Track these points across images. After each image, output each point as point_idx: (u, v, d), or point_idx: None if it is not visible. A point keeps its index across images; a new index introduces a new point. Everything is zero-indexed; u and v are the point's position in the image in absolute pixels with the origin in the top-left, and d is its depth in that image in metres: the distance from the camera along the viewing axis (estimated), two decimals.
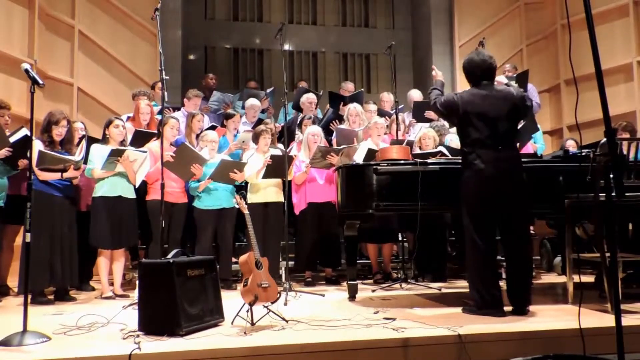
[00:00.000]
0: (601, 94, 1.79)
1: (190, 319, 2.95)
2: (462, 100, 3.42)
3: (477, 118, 3.37)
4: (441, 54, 8.47)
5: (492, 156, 3.32)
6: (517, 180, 3.38)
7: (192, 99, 6.06)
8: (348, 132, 5.52)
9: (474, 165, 3.35)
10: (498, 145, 3.35)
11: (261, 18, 9.18)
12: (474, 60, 3.51)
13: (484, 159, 3.32)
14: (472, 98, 3.43)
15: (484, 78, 3.49)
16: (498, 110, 3.38)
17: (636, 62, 6.92)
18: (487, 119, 3.36)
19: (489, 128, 3.36)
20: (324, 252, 5.15)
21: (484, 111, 3.37)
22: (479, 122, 3.37)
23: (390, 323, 3.05)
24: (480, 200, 3.35)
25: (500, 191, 3.32)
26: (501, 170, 3.32)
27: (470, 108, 3.39)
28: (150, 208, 4.64)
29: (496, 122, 3.36)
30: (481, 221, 3.36)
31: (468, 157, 3.40)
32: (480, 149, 3.34)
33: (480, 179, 3.33)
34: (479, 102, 3.39)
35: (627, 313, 3.25)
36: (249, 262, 3.23)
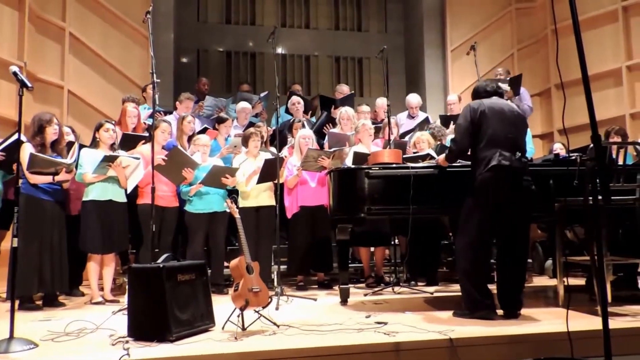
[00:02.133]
0: (588, 99, 1.80)
1: (180, 324, 2.93)
2: (481, 104, 3.46)
3: (497, 119, 3.39)
4: (433, 58, 8.51)
5: (513, 159, 3.33)
6: (529, 187, 3.40)
7: (184, 102, 6.06)
8: (340, 136, 5.52)
9: (498, 164, 3.29)
10: (515, 149, 3.39)
11: (254, 21, 9.18)
12: (482, 84, 3.65)
13: (508, 160, 3.31)
14: (490, 101, 3.48)
15: (494, 94, 3.58)
16: (513, 117, 3.45)
17: (625, 67, 6.98)
18: (505, 122, 3.40)
19: (509, 131, 3.38)
20: (316, 256, 5.13)
21: (503, 114, 3.42)
22: (499, 124, 3.38)
23: (382, 327, 3.05)
24: (495, 202, 3.32)
25: (515, 195, 3.33)
26: (519, 175, 3.35)
27: (490, 110, 3.42)
28: (141, 212, 4.61)
29: (513, 128, 3.42)
30: (488, 225, 3.35)
31: (491, 157, 3.33)
32: (502, 150, 3.33)
33: (502, 179, 3.30)
34: (496, 107, 3.44)
35: (616, 316, 3.28)
36: (240, 266, 3.21)
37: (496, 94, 3.58)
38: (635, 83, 6.99)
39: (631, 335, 2.86)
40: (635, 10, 7.00)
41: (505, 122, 3.40)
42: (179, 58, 8.53)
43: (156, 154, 4.30)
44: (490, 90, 3.59)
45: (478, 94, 3.62)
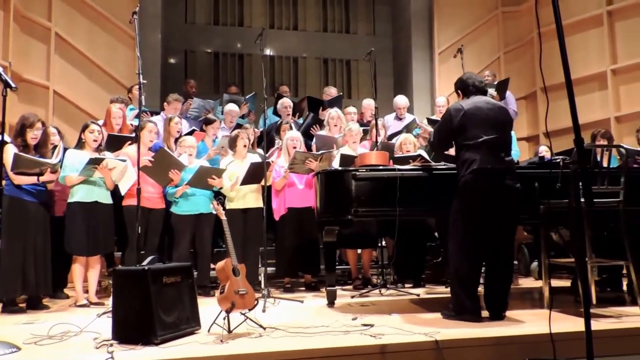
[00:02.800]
0: (571, 103, 1.82)
1: (165, 327, 2.90)
2: (464, 104, 3.47)
3: (480, 120, 3.39)
4: (421, 60, 8.56)
5: (496, 160, 3.34)
6: (515, 188, 3.40)
7: (172, 103, 6.02)
8: (328, 138, 5.52)
9: (480, 166, 3.31)
10: (500, 150, 3.39)
11: (242, 22, 9.17)
12: (472, 76, 3.64)
13: (490, 162, 3.32)
14: (473, 103, 3.48)
15: (479, 92, 3.57)
16: (497, 117, 3.44)
17: (610, 70, 7.06)
18: (489, 122, 3.40)
19: (492, 132, 3.38)
20: (303, 258, 5.12)
21: (486, 115, 3.41)
22: (482, 125, 3.39)
23: (368, 329, 3.04)
24: (479, 204, 3.34)
25: (499, 197, 3.34)
26: (504, 176, 3.35)
27: (473, 110, 3.42)
28: (127, 213, 4.57)
29: (497, 127, 3.41)
30: (473, 227, 3.36)
31: (473, 159, 3.35)
32: (485, 152, 3.34)
33: (485, 181, 3.32)
34: (481, 106, 3.44)
35: (600, 317, 3.31)
36: (226, 268, 3.19)
37: (482, 92, 3.58)
38: (619, 87, 7.08)
39: (614, 336, 2.89)
40: (620, 15, 7.09)
41: (489, 123, 3.40)
42: (167, 59, 8.49)
43: (142, 155, 4.28)
44: (479, 87, 3.58)
45: (465, 87, 3.61)
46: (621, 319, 3.25)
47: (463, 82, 3.64)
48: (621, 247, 3.55)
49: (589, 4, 7.37)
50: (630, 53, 6.95)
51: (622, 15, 7.06)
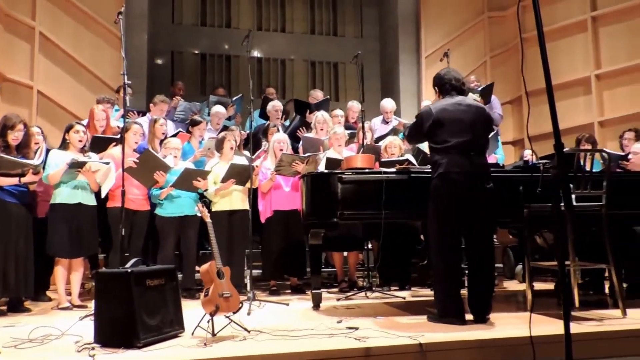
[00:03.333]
0: (551, 108, 1.84)
1: (148, 330, 2.88)
2: (435, 108, 3.47)
3: (450, 124, 3.40)
4: (408, 64, 8.59)
5: (465, 162, 3.35)
6: (487, 189, 3.41)
7: (159, 105, 5.97)
8: (314, 140, 5.52)
9: (446, 170, 3.35)
10: (470, 152, 3.39)
11: (229, 24, 9.13)
12: (450, 72, 3.61)
13: (457, 165, 3.34)
14: (444, 106, 3.48)
15: (455, 90, 3.56)
16: (470, 118, 3.44)
17: (594, 75, 7.16)
18: (460, 125, 3.40)
19: (462, 135, 3.39)
20: (289, 260, 5.11)
21: (457, 118, 3.42)
22: (452, 129, 3.39)
23: (353, 332, 3.04)
24: (449, 206, 3.36)
25: (470, 198, 3.35)
26: (472, 177, 3.36)
27: (443, 114, 3.42)
28: (111, 215, 4.53)
29: (469, 130, 3.41)
30: (449, 229, 3.38)
31: (440, 162, 3.39)
32: (453, 155, 3.36)
33: (452, 184, 3.34)
34: (452, 110, 3.44)
35: (582, 320, 3.34)
36: (210, 271, 3.18)
37: (459, 91, 3.57)
38: (603, 92, 7.17)
39: (595, 339, 2.92)
40: (604, 21, 7.18)
41: (460, 125, 3.40)
42: (153, 60, 8.43)
43: (127, 156, 4.24)
44: (456, 85, 3.57)
45: (442, 84, 3.60)
46: (602, 322, 3.28)
47: (440, 78, 3.62)
48: (604, 250, 3.59)
49: (574, 10, 7.46)
50: (613, 58, 7.05)
51: (606, 21, 7.16)
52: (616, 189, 3.73)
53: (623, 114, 6.84)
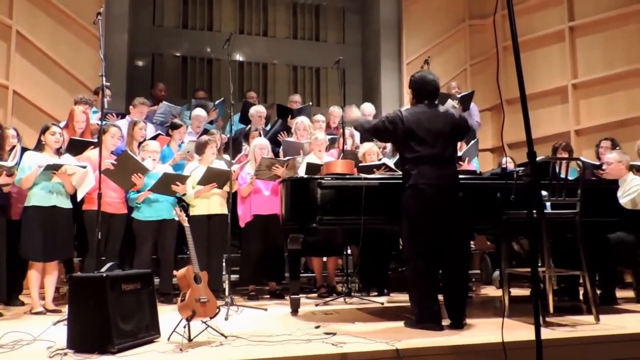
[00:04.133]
0: (525, 117, 1.87)
1: (123, 335, 2.84)
2: (406, 117, 3.47)
3: (420, 135, 3.42)
4: (390, 70, 8.65)
5: (434, 173, 3.38)
6: (456, 198, 3.45)
7: (138, 107, 5.91)
8: (295, 144, 5.52)
9: (415, 181, 3.40)
10: (440, 163, 3.41)
11: (211, 27, 9.08)
12: (427, 78, 3.58)
13: (426, 176, 3.37)
14: (416, 115, 3.48)
15: (430, 97, 3.56)
16: (441, 129, 3.45)
17: (571, 85, 7.29)
18: (430, 136, 3.42)
19: (432, 146, 3.41)
20: (268, 265, 5.09)
21: (427, 129, 3.43)
22: (423, 139, 3.42)
23: (330, 338, 3.04)
24: (420, 216, 3.40)
25: (440, 208, 3.37)
26: (442, 188, 3.39)
27: (415, 125, 3.44)
28: (87, 218, 4.47)
29: (439, 140, 3.43)
30: (421, 236, 3.41)
31: (410, 173, 3.44)
32: (422, 166, 3.39)
33: (422, 195, 3.37)
34: (423, 120, 3.45)
35: (556, 326, 3.38)
36: (187, 276, 3.15)
37: (434, 97, 3.58)
38: (580, 101, 7.31)
39: (567, 345, 2.97)
40: (581, 31, 7.33)
41: (433, 136, 3.42)
42: (133, 61, 8.34)
43: (105, 159, 4.19)
44: (431, 91, 3.56)
45: (418, 89, 3.57)
46: (576, 328, 3.33)
47: (417, 83, 3.59)
48: (579, 257, 3.64)
49: (552, 20, 7.59)
50: (589, 68, 7.19)
51: (583, 31, 7.30)
52: (590, 197, 3.80)
53: (598, 123, 6.98)
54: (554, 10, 7.57)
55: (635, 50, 6.75)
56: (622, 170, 4.83)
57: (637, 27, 6.75)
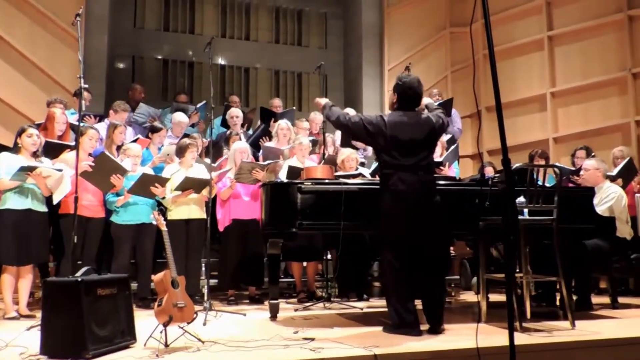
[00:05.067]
0: (500, 125, 1.89)
1: (98, 340, 2.79)
2: (389, 124, 3.47)
3: (402, 144, 3.42)
4: (371, 76, 8.69)
5: (412, 180, 3.39)
6: (434, 204, 3.46)
7: (119, 113, 5.82)
8: (275, 150, 5.51)
9: (394, 187, 3.40)
10: (418, 170, 3.43)
11: (193, 30, 9.03)
12: (412, 83, 3.54)
13: (404, 182, 3.38)
14: (399, 124, 3.47)
15: (412, 103, 3.57)
16: (421, 138, 3.47)
17: (549, 93, 7.40)
18: (411, 146, 3.43)
19: (412, 155, 3.43)
20: (247, 270, 5.06)
21: (409, 137, 3.44)
22: (404, 149, 3.42)
23: (309, 343, 3.03)
24: (398, 222, 3.41)
25: (418, 214, 3.38)
26: (419, 194, 3.40)
27: (397, 133, 3.44)
28: (63, 222, 4.40)
29: (419, 150, 3.45)
30: (398, 242, 3.42)
31: (389, 179, 3.44)
32: (402, 172, 3.40)
33: (400, 201, 3.38)
34: (405, 129, 3.45)
35: (533, 331, 3.41)
36: (165, 281, 3.11)
37: (417, 104, 3.59)
38: (558, 109, 7.43)
39: (543, 350, 3.00)
40: (560, 40, 7.46)
41: (414, 145, 3.43)
42: (113, 64, 8.25)
43: (83, 161, 4.13)
44: (414, 97, 3.55)
45: (401, 92, 3.55)
46: (552, 333, 3.37)
47: (400, 87, 3.56)
48: (555, 263, 3.69)
49: (532, 28, 7.71)
50: (568, 77, 7.32)
51: (561, 40, 7.43)
52: (567, 204, 3.85)
53: (576, 130, 7.09)
54: (534, 19, 7.69)
55: (611, 60, 6.89)
56: (598, 177, 4.91)
57: (613, 38, 6.89)
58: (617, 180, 5.41)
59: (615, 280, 4.95)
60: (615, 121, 6.74)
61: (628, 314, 4.33)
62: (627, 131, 6.61)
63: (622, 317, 4.13)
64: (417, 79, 3.59)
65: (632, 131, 6.53)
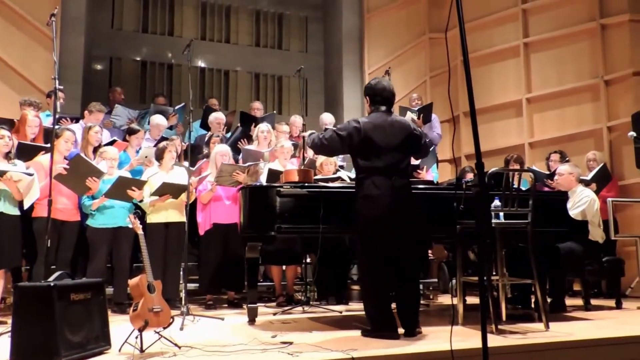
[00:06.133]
0: (474, 129, 1.92)
1: (71, 347, 2.74)
2: (364, 127, 3.46)
3: (377, 146, 3.42)
4: (351, 80, 8.72)
5: (387, 184, 3.39)
6: (409, 207, 3.46)
7: (95, 113, 5.76)
8: (255, 153, 5.49)
9: (367, 192, 3.40)
10: (393, 174, 3.43)
11: (172, 32, 8.96)
12: (382, 83, 3.58)
13: (379, 186, 3.38)
14: (374, 125, 3.47)
15: (386, 103, 3.56)
16: (397, 140, 3.47)
17: (525, 99, 7.52)
18: (386, 147, 3.43)
19: (387, 157, 3.43)
20: (227, 274, 5.03)
21: (384, 139, 3.44)
22: (378, 150, 3.42)
23: (287, 347, 3.02)
24: (373, 226, 3.40)
25: (393, 217, 3.38)
26: (394, 198, 3.39)
27: (372, 135, 3.43)
28: (36, 226, 4.31)
29: (394, 152, 3.45)
30: (374, 246, 3.41)
31: (363, 183, 3.44)
32: (376, 176, 3.41)
33: (374, 205, 3.38)
34: (381, 130, 3.45)
35: (508, 333, 3.46)
36: (140, 285, 3.08)
37: (391, 104, 3.59)
38: (533, 114, 7.54)
39: (517, 352, 3.03)
40: (535, 47, 7.58)
41: (389, 147, 3.43)
42: (90, 65, 8.13)
43: (58, 164, 4.07)
44: (386, 97, 3.55)
45: (373, 95, 3.56)
46: (526, 335, 3.41)
47: (372, 89, 3.58)
48: (530, 266, 3.74)
49: (509, 35, 7.82)
50: (543, 83, 7.44)
51: (537, 47, 7.55)
52: (542, 207, 3.92)
53: (551, 136, 7.21)
54: (511, 26, 7.80)
55: (584, 67, 7.03)
56: (572, 182, 5.01)
57: (586, 46, 7.03)
58: (591, 185, 5.54)
59: (588, 283, 5.05)
60: (589, 127, 6.87)
61: (600, 316, 4.42)
62: (599, 137, 6.75)
63: (595, 319, 4.20)
64: (383, 78, 3.67)
65: (604, 137, 6.66)
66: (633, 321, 3.98)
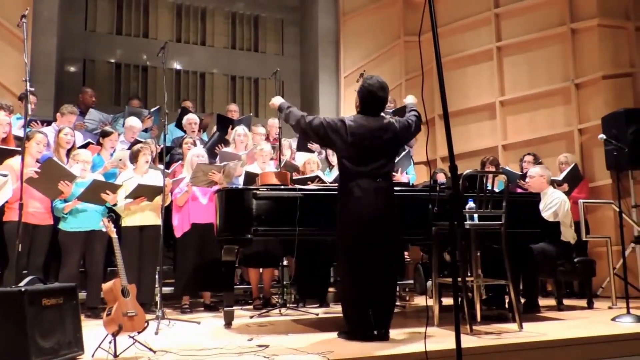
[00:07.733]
0: (447, 131, 1.95)
1: (42, 353, 2.68)
2: (349, 128, 3.44)
3: (363, 150, 3.42)
4: (327, 83, 8.75)
5: (370, 187, 3.39)
6: (391, 211, 3.47)
7: (66, 115, 5.65)
8: (231, 156, 5.46)
9: (352, 193, 3.40)
10: (377, 177, 3.43)
11: (147, 34, 8.86)
12: (376, 88, 3.52)
13: (362, 189, 3.38)
14: (359, 127, 3.45)
15: (375, 108, 3.55)
16: (383, 145, 3.47)
17: (499, 102, 7.64)
18: (371, 152, 3.43)
19: (372, 161, 3.42)
20: (204, 276, 4.98)
21: (370, 144, 3.43)
22: (364, 155, 3.42)
23: (263, 350, 3.02)
24: (354, 229, 3.40)
25: (375, 220, 3.38)
26: (377, 200, 3.40)
27: (356, 137, 3.42)
28: (7, 230, 4.23)
29: (379, 156, 3.45)
30: (354, 249, 3.41)
31: (347, 184, 3.44)
32: (360, 179, 3.41)
33: (357, 207, 3.38)
34: (365, 132, 3.44)
35: (482, 334, 3.51)
36: (114, 289, 3.04)
37: (379, 108, 3.58)
38: (507, 117, 7.66)
39: (492, 352, 3.08)
40: (507, 51, 7.71)
41: (375, 152, 3.44)
42: (63, 67, 7.99)
43: (29, 167, 3.99)
44: (376, 102, 3.53)
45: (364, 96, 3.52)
46: (500, 335, 3.46)
47: (363, 91, 3.54)
48: (504, 267, 3.80)
49: (482, 39, 7.93)
50: (516, 86, 7.56)
51: (509, 51, 7.68)
52: (515, 209, 3.99)
53: (524, 138, 7.34)
54: (484, 29, 7.92)
55: (556, 71, 7.17)
56: (543, 184, 5.11)
57: (557, 49, 7.17)
58: (562, 185, 5.65)
59: (560, 283, 5.15)
60: (560, 129, 7.01)
61: (573, 315, 4.51)
62: (570, 139, 6.89)
63: (567, 319, 4.29)
64: (382, 84, 3.56)
65: (575, 139, 6.80)
66: (604, 321, 4.06)
